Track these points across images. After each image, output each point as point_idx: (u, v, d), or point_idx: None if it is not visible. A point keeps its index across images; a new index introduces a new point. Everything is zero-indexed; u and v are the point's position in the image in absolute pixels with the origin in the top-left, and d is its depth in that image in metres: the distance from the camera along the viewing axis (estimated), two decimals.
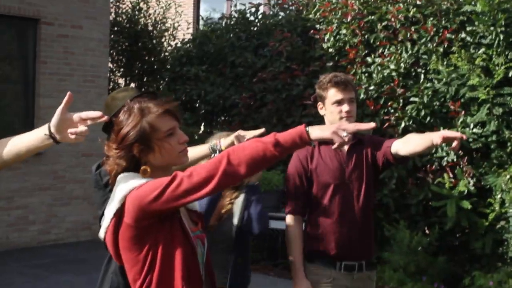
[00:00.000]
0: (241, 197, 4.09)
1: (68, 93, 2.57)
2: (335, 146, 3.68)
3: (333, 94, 4.03)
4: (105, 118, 2.60)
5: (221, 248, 4.07)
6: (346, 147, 4.08)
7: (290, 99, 9.69)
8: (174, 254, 2.64)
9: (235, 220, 4.10)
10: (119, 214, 2.65)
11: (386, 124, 8.58)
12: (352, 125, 2.60)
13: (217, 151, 3.61)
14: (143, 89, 11.69)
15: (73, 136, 2.57)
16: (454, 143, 3.39)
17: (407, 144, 3.77)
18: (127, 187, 2.65)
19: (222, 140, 3.69)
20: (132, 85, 11.62)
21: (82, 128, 2.57)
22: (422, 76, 8.63)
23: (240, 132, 3.57)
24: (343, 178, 4.05)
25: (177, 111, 2.82)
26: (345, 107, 4.01)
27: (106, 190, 3.62)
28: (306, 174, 4.10)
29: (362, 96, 8.81)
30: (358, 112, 8.65)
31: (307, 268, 4.11)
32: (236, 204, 4.04)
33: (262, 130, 3.55)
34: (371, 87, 8.84)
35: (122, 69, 11.86)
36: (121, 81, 12.00)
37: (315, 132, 2.56)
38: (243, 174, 2.54)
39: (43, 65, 10.03)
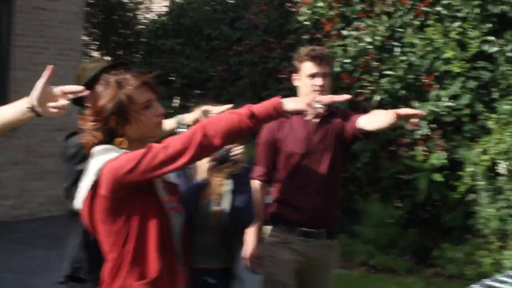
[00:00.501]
0: (228, 185, 3.99)
1: (50, 66, 2.52)
2: (308, 117, 3.64)
3: (308, 67, 4.07)
4: (86, 92, 2.59)
5: (219, 231, 3.97)
6: (317, 118, 4.10)
7: (266, 72, 9.64)
8: (149, 225, 2.65)
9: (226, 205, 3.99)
10: (95, 186, 2.64)
11: (361, 97, 8.53)
12: (327, 97, 2.64)
13: (185, 126, 3.59)
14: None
15: (55, 110, 2.53)
16: (413, 120, 3.38)
17: (372, 120, 3.75)
18: (103, 159, 2.64)
19: (188, 115, 3.67)
20: (108, 58, 11.53)
21: (63, 101, 2.54)
22: (398, 49, 8.58)
23: (207, 107, 3.55)
24: (309, 147, 4.09)
25: (154, 83, 2.82)
26: (318, 81, 4.04)
27: (71, 162, 3.57)
28: (274, 143, 4.15)
29: (337, 69, 8.76)
30: (334, 85, 8.65)
31: (268, 229, 4.18)
32: (223, 192, 3.94)
33: (229, 105, 3.54)
34: (347, 60, 8.78)
35: (97, 42, 11.75)
36: (96, 54, 11.89)
37: (290, 103, 2.59)
38: (218, 145, 2.57)
39: (19, 38, 9.91)
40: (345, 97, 2.68)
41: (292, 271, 4.12)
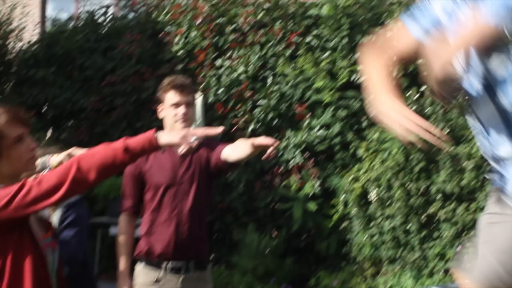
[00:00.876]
0: (57, 213, 3.92)
1: None
2: (182, 150, 3.65)
3: (170, 96, 4.09)
4: None
5: None
6: (182, 149, 4.11)
7: (140, 102, 9.55)
8: (24, 262, 2.60)
9: None
10: None
11: (235, 128, 8.60)
12: (201, 130, 2.74)
13: (47, 168, 3.51)
14: None
15: None
16: (270, 150, 3.44)
17: (234, 151, 3.83)
18: None
19: (53, 157, 3.60)
20: None
21: None
22: (270, 79, 8.71)
23: (73, 150, 3.49)
24: (174, 179, 4.10)
25: (25, 117, 2.80)
26: (181, 110, 4.05)
27: None
28: (139, 175, 4.14)
29: (211, 99, 8.80)
30: (207, 116, 8.69)
31: (135, 270, 4.15)
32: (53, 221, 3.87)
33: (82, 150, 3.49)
34: (220, 90, 8.83)
35: None
36: None
37: (164, 137, 2.65)
38: (93, 180, 2.58)
39: None
40: (219, 130, 2.77)
41: None
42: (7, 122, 2.68)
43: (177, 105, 4.05)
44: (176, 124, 4.03)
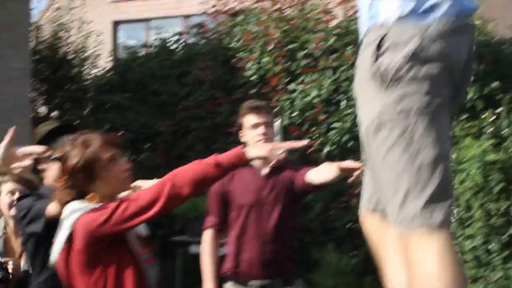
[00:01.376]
0: None
1: (12, 128, 2.70)
2: (272, 163, 3.85)
3: (249, 119, 4.24)
4: (48, 153, 2.81)
5: None
6: (266, 170, 4.26)
7: (214, 127, 9.84)
8: (125, 277, 2.78)
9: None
10: (69, 240, 2.78)
11: (311, 150, 8.83)
12: (287, 143, 2.87)
13: None
14: (63, 118, 11.61)
15: (18, 170, 2.73)
16: (356, 172, 3.67)
17: (319, 174, 3.98)
18: (76, 214, 2.79)
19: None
20: (55, 113, 11.53)
21: (26, 162, 2.72)
22: (344, 103, 8.93)
23: (138, 183, 3.52)
24: (258, 199, 4.22)
25: (117, 140, 3.01)
26: (261, 130, 4.19)
27: (22, 223, 3.63)
28: (224, 194, 4.27)
29: (285, 122, 9.05)
30: (284, 139, 8.93)
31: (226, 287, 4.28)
32: None
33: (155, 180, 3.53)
34: (294, 114, 9.08)
35: (44, 96, 11.74)
36: (43, 109, 11.86)
37: (252, 151, 2.78)
38: (186, 195, 2.73)
39: None
40: (303, 142, 2.89)
41: None
42: (100, 145, 2.89)
43: (256, 126, 4.20)
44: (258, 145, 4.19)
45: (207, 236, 4.30)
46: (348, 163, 3.80)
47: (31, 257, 3.58)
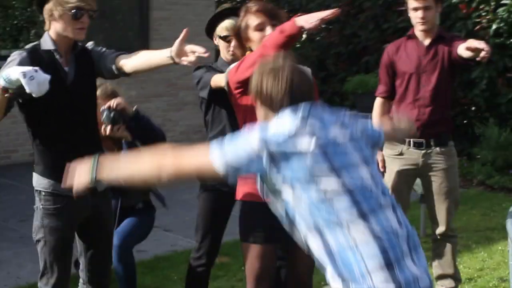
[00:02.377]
0: None
1: (184, 30, 3.36)
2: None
3: (411, 1, 4.64)
4: (207, 54, 3.33)
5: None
6: (427, 41, 4.67)
7: (387, 4, 10.08)
8: None
9: None
10: None
11: (478, 27, 8.91)
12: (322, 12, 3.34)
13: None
14: (246, 0, 12.21)
15: (185, 62, 3.38)
16: (481, 54, 4.16)
17: (463, 50, 4.38)
18: None
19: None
20: None
21: (191, 58, 3.37)
22: None
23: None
24: (418, 68, 4.66)
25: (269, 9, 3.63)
26: (419, 14, 4.61)
27: (197, 88, 4.18)
28: (391, 64, 4.77)
29: (454, 0, 9.14)
30: (451, 16, 9.06)
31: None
32: None
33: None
34: None
35: None
36: None
37: (298, 21, 3.29)
38: (273, 51, 3.25)
39: None
40: (334, 11, 3.30)
41: (407, 180, 4.77)
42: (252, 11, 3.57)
43: (416, 9, 4.60)
44: (417, 26, 4.65)
45: (376, 103, 4.89)
46: (472, 43, 4.26)
47: (204, 116, 4.22)
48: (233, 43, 4.04)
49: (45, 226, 3.51)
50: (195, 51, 3.34)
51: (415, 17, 4.63)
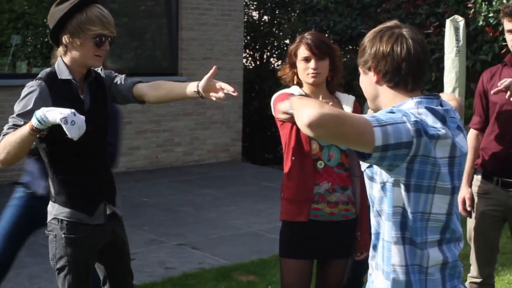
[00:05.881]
0: None
1: (214, 67, 3.43)
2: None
3: (507, 23, 4.16)
4: (236, 94, 3.39)
5: None
6: None
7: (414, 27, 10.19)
8: None
9: None
10: None
11: (504, 50, 8.97)
12: None
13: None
14: (275, 22, 12.41)
15: (214, 98, 3.41)
16: None
17: None
18: None
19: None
20: (265, 18, 12.38)
21: (221, 94, 3.39)
22: None
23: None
24: (508, 99, 4.03)
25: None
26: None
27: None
28: (484, 93, 4.35)
29: (481, 23, 9.22)
30: (478, 39, 9.15)
31: (474, 178, 4.42)
32: None
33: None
34: (490, 14, 9.22)
35: (255, 3, 12.60)
36: (255, 13, 12.75)
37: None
38: None
39: (185, 0, 10.89)
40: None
41: (492, 222, 4.34)
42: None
43: (510, 31, 4.15)
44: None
45: (469, 135, 4.35)
46: None
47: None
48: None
49: (68, 255, 3.46)
50: (224, 88, 3.38)
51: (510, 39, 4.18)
